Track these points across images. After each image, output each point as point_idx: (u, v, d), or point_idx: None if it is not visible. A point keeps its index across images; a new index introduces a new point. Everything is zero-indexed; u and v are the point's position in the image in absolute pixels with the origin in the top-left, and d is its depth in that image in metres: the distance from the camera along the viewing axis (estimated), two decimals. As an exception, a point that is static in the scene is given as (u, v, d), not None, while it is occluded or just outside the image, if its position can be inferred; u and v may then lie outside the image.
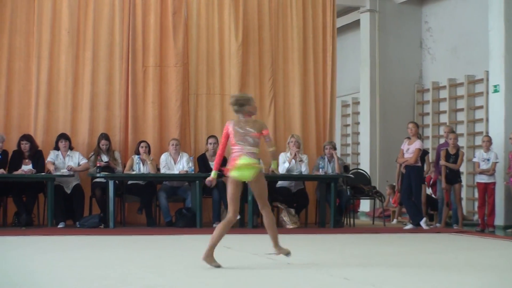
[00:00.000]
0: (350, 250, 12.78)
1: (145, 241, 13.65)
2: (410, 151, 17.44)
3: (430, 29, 23.25)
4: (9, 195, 16.74)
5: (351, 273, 9.08)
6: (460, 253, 12.68)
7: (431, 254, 12.26)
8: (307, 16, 19.14)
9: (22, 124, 17.61)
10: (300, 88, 18.98)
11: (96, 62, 18.00)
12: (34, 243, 13.13)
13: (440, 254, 12.39)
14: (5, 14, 17.64)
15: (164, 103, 18.37)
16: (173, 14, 18.42)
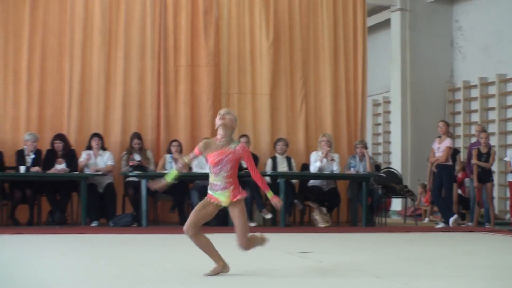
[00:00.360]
0: (382, 248, 12.77)
1: (178, 240, 13.57)
2: (441, 150, 17.48)
3: (461, 28, 23.21)
4: (43, 193, 16.83)
5: (383, 271, 9.06)
6: (491, 253, 12.64)
7: (463, 254, 12.24)
8: (338, 15, 19.19)
9: (55, 124, 17.69)
10: (331, 87, 19.01)
11: (128, 61, 18.08)
12: (68, 241, 13.21)
13: (472, 254, 12.28)
14: (38, 15, 17.74)
15: (195, 103, 18.44)
16: (204, 13, 18.46)
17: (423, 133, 21.44)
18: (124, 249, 12.26)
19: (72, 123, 17.73)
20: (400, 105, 23.76)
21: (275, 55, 18.79)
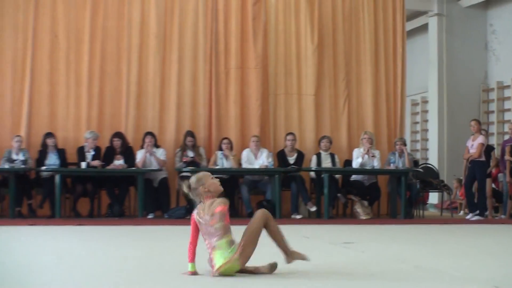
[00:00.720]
0: (420, 239, 12.54)
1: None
2: (474, 147, 17.31)
3: (494, 31, 22.94)
4: (103, 188, 16.88)
5: (422, 261, 8.83)
6: None
7: (497, 244, 11.99)
8: (378, 20, 19.01)
9: (114, 123, 17.70)
10: (372, 88, 18.83)
11: (181, 64, 18.01)
12: (126, 232, 13.18)
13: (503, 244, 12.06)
14: (98, 21, 17.76)
15: (245, 103, 18.29)
16: (253, 19, 18.34)
17: (458, 131, 21.11)
18: (178, 239, 11.87)
19: (129, 122, 17.75)
20: (437, 105, 23.53)
21: (319, 58, 18.61)
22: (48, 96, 17.46)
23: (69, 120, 17.52)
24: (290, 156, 17.33)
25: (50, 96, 17.47)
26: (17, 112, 17.34)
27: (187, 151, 17.02)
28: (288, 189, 17.04)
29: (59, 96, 17.51)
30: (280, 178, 16.54)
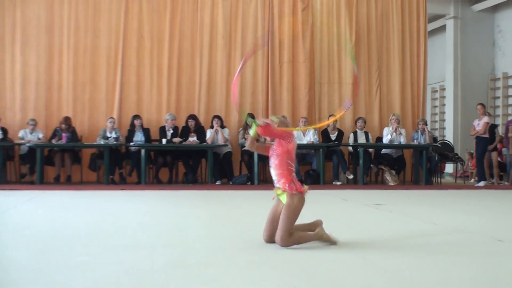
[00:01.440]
0: (438, 202, 12.34)
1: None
2: (480, 125, 17.50)
3: (501, 31, 22.61)
4: (179, 159, 16.92)
5: (439, 219, 8.82)
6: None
7: (500, 205, 12.09)
8: (405, 22, 18.81)
9: (189, 107, 17.77)
10: (399, 77, 18.67)
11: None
12: (198, 196, 12.98)
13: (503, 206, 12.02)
14: (176, 24, 17.81)
15: (295, 90, 18.23)
16: (302, 22, 18.30)
17: (470, 113, 20.79)
18: (241, 201, 12.19)
19: (201, 106, 17.84)
20: (453, 92, 23.33)
21: (356, 53, 18.48)
22: (135, 85, 17.62)
23: (152, 104, 17.69)
24: (332, 133, 17.24)
25: (137, 85, 17.63)
26: (111, 98, 17.51)
27: (248, 129, 16.74)
28: (330, 161, 16.96)
29: (144, 85, 17.67)
30: (323, 151, 16.48)
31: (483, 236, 7.12)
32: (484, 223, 8.79)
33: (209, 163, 16.25)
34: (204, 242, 6.77)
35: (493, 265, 5.38)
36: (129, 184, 16.19)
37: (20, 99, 17.20)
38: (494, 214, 10.24)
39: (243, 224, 8.53)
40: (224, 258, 5.64)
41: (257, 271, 5.03)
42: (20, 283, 4.55)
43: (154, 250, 6.05)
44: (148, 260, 5.45)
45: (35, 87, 17.27)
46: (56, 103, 17.35)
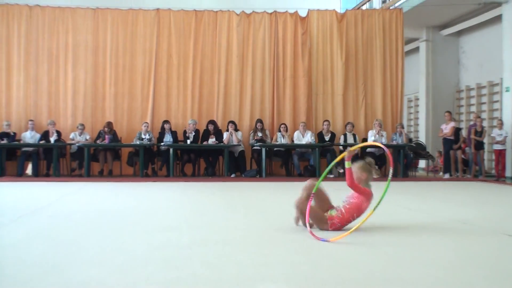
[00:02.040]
0: (413, 191, 12.42)
1: (284, 185, 13.44)
2: (447, 128, 17.57)
3: (464, 52, 22.51)
4: (201, 157, 16.83)
5: (412, 205, 9.02)
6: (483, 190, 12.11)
7: (465, 191, 11.95)
8: (386, 44, 18.58)
9: (209, 113, 17.72)
10: (381, 89, 18.45)
11: (254, 74, 17.91)
12: (217, 187, 13.00)
13: (466, 191, 11.92)
14: (198, 46, 17.81)
15: (296, 100, 18.08)
16: (301, 44, 18.18)
17: (439, 119, 20.69)
18: (251, 190, 12.14)
19: (219, 113, 17.75)
20: (425, 101, 23.17)
21: (346, 70, 18.30)
22: (165, 96, 17.60)
23: (179, 111, 17.63)
24: (326, 135, 17.17)
25: (166, 96, 17.60)
26: (145, 106, 17.50)
27: (257, 132, 16.96)
28: (325, 158, 16.85)
29: (172, 96, 17.63)
30: (319, 150, 16.41)
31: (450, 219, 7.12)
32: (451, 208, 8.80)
33: (225, 159, 16.33)
34: (221, 223, 6.79)
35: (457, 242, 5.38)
36: (160, 177, 16.17)
37: (71, 107, 17.29)
38: (460, 201, 10.26)
39: (254, 209, 8.57)
40: (239, 237, 5.65)
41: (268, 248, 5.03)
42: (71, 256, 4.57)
43: (180, 230, 6.07)
44: (175, 239, 5.46)
45: (83, 97, 17.34)
46: (100, 110, 17.41)
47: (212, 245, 5.13)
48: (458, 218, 7.33)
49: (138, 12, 17.80)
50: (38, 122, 16.93)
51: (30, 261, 4.39)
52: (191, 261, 4.40)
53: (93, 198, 10.24)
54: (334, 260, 4.52)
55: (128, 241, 5.34)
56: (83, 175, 15.87)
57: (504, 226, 6.58)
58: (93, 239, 5.48)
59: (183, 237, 5.59)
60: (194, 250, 4.87)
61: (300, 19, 18.28)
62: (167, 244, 5.21)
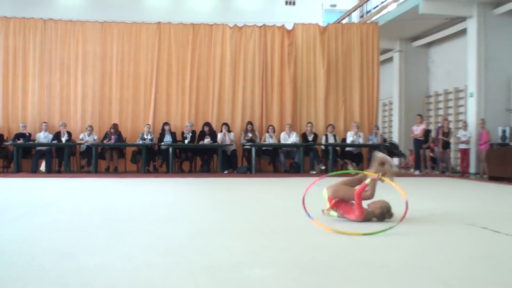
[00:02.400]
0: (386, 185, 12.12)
1: (272, 181, 13.46)
2: (419, 130, 17.66)
3: (433, 61, 22.57)
4: (197, 155, 16.83)
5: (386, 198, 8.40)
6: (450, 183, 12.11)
7: (433, 186, 11.94)
8: (363, 54, 18.57)
9: (205, 116, 17.67)
10: (359, 95, 18.42)
11: (245, 82, 17.89)
12: (211, 182, 13.02)
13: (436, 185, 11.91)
14: (195, 56, 17.82)
15: (283, 104, 18.06)
16: (288, 54, 18.18)
17: (410, 121, 20.73)
18: (242, 185, 12.09)
19: (214, 116, 17.72)
20: (398, 105, 23.24)
21: (327, 77, 18.26)
22: (165, 101, 17.58)
23: (178, 114, 17.61)
24: (309, 136, 17.15)
25: (167, 100, 17.59)
26: (147, 110, 17.47)
27: (248, 133, 16.96)
28: (308, 156, 16.89)
29: (172, 101, 17.61)
30: (303, 149, 16.46)
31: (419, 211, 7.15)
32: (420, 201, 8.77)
33: (219, 157, 16.30)
34: (215, 214, 6.82)
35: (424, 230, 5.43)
36: (160, 173, 16.14)
37: (81, 110, 17.29)
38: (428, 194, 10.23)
39: (244, 202, 8.58)
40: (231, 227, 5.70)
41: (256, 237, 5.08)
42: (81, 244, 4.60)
43: (179, 221, 6.10)
44: (175, 229, 5.51)
45: (92, 101, 17.36)
46: (107, 113, 17.42)
47: (207, 234, 5.18)
48: (426, 210, 7.38)
49: (141, 25, 17.81)
50: (51, 124, 16.96)
51: (44, 249, 4.43)
52: (188, 249, 4.44)
53: (100, 192, 10.25)
54: (316, 247, 4.57)
55: (132, 231, 5.38)
56: (91, 172, 15.87)
57: (467, 216, 6.64)
58: (100, 229, 5.51)
59: (181, 228, 5.63)
60: (191, 239, 4.91)
61: (286, 32, 18.28)
62: (167, 233, 5.25)
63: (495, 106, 17.78)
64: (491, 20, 17.80)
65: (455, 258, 4.18)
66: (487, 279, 3.49)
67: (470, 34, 18.18)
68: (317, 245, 4.65)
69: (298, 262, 3.93)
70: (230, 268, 3.75)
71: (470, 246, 4.75)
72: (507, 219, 6.58)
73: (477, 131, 17.34)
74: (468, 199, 9.49)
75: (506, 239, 5.08)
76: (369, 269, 3.76)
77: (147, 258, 4.06)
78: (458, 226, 5.87)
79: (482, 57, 17.74)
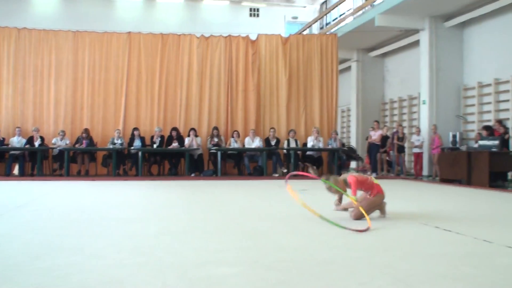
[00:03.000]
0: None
1: (237, 183, 13.44)
2: (376, 135, 17.87)
3: (388, 70, 22.85)
4: (165, 159, 16.81)
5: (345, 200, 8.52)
6: (404, 186, 12.20)
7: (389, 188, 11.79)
8: (323, 63, 18.67)
9: (172, 122, 17.62)
10: (319, 102, 18.52)
11: (211, 88, 17.92)
12: (179, 184, 12.97)
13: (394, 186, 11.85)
14: (164, 64, 17.81)
15: (247, 110, 18.07)
16: (252, 62, 18.21)
17: (367, 127, 20.92)
18: (208, 187, 11.94)
19: (181, 121, 17.71)
20: (355, 112, 23.49)
21: (289, 84, 18.36)
22: (135, 107, 17.51)
23: (147, 120, 17.54)
24: (272, 141, 17.18)
25: (136, 106, 17.52)
26: (117, 115, 17.43)
27: (214, 138, 16.90)
28: (271, 159, 16.94)
29: (141, 107, 17.55)
30: (266, 153, 16.49)
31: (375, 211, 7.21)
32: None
33: (186, 161, 16.28)
34: (183, 215, 6.79)
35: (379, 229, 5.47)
36: (130, 176, 16.07)
37: (54, 116, 17.14)
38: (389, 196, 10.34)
39: (210, 203, 8.53)
40: (198, 227, 5.67)
41: (222, 236, 5.06)
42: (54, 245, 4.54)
43: (148, 222, 6.06)
44: (144, 229, 5.46)
45: (64, 107, 17.20)
46: (79, 119, 17.27)
47: (175, 234, 5.15)
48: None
49: (112, 34, 17.75)
50: (24, 128, 16.77)
51: (17, 250, 4.36)
52: (157, 249, 4.41)
53: (72, 195, 10.11)
54: (281, 246, 4.57)
55: (102, 231, 5.33)
56: (63, 175, 15.75)
57: (421, 216, 6.70)
58: (72, 230, 5.44)
59: (150, 228, 5.58)
60: (159, 239, 4.88)
61: (250, 42, 18.33)
62: (137, 233, 5.21)
63: (446, 112, 18.05)
64: (442, 33, 18.08)
65: (411, 256, 4.21)
66: (443, 276, 3.52)
67: (422, 45, 18.44)
68: (282, 245, 4.65)
69: (264, 261, 3.93)
70: (198, 267, 3.73)
71: (425, 244, 4.79)
72: (457, 218, 6.66)
73: (429, 136, 17.62)
74: (421, 200, 9.58)
75: (457, 237, 5.14)
76: (331, 266, 3.77)
77: (117, 257, 4.02)
78: (413, 226, 5.92)
79: (434, 66, 18.02)
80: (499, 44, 16.69)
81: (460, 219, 6.56)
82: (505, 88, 16.27)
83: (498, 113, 16.49)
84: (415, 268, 3.76)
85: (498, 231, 5.62)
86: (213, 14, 28.05)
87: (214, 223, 6.03)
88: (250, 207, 7.13)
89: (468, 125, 17.89)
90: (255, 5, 28.91)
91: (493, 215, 7.29)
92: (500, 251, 4.48)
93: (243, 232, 5.36)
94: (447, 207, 8.24)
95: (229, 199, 9.45)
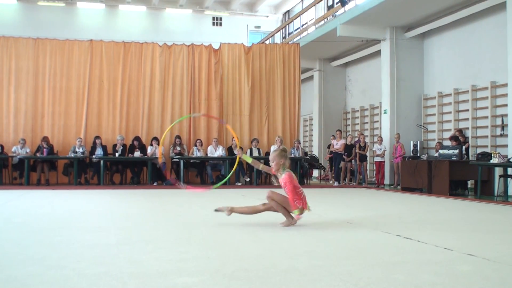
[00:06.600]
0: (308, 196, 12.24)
1: (199, 192, 13.25)
2: (339, 144, 17.81)
3: (350, 80, 23.09)
4: (127, 167, 16.70)
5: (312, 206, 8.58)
6: (367, 194, 12.26)
7: (351, 196, 12.09)
8: (285, 73, 18.82)
9: (135, 131, 17.55)
10: (282, 111, 18.65)
11: (174, 97, 17.92)
12: (141, 193, 12.93)
13: (354, 194, 12.05)
14: (126, 72, 17.73)
15: (209, 119, 17.99)
16: (214, 72, 18.27)
17: (329, 136, 20.95)
18: (170, 196, 11.92)
19: (144, 130, 17.70)
20: (318, 121, 23.61)
21: (252, 93, 18.47)
22: (96, 115, 17.41)
23: (109, 128, 17.44)
24: (235, 150, 17.04)
25: (97, 115, 17.42)
26: (79, 124, 17.28)
27: (176, 146, 16.87)
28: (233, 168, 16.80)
29: (103, 115, 17.45)
30: (229, 162, 16.43)
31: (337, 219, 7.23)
32: (339, 210, 8.95)
33: (149, 170, 16.25)
34: (144, 225, 6.74)
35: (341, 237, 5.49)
36: (91, 185, 15.94)
37: (13, 124, 16.92)
38: (346, 204, 10.40)
39: (172, 212, 8.52)
40: (159, 237, 5.63)
41: (184, 246, 5.03)
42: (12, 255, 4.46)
43: (109, 231, 5.99)
44: (104, 239, 5.40)
45: (24, 115, 17.00)
46: (39, 127, 17.08)
47: (136, 244, 5.09)
48: (344, 218, 7.48)
49: (73, 42, 17.59)
50: (-17, 137, 16.51)
51: (-26, 260, 4.27)
52: (117, 258, 4.36)
53: (32, 204, 9.95)
54: (242, 255, 4.56)
55: (62, 241, 5.25)
56: (23, 184, 15.54)
57: (383, 225, 6.76)
58: (32, 240, 5.35)
59: (111, 237, 5.52)
60: (120, 249, 4.82)
61: (213, 51, 18.36)
62: (97, 243, 5.14)
63: (407, 121, 18.29)
64: (403, 43, 18.34)
65: (372, 264, 4.23)
66: (404, 284, 3.54)
67: (383, 55, 18.68)
68: (243, 254, 4.64)
69: (225, 270, 3.90)
70: (159, 277, 3.69)
71: (386, 252, 4.81)
72: (417, 227, 6.72)
73: (391, 145, 17.79)
74: (383, 208, 9.65)
75: (418, 245, 5.19)
76: (293, 275, 3.77)
77: (77, 267, 3.96)
78: (374, 234, 5.96)
79: (395, 76, 18.28)
80: (459, 54, 17.00)
81: (420, 227, 6.63)
82: (464, 98, 16.57)
83: (458, 122, 16.78)
84: (375, 276, 3.78)
85: (459, 239, 5.69)
86: (176, 23, 27.97)
87: (176, 232, 5.99)
88: (212, 216, 7.10)
89: (428, 134, 18.17)
90: (218, 14, 28.93)
91: (453, 223, 7.39)
92: (460, 258, 4.53)
93: (204, 241, 5.34)
94: (408, 216, 8.31)
95: (191, 208, 9.39)
